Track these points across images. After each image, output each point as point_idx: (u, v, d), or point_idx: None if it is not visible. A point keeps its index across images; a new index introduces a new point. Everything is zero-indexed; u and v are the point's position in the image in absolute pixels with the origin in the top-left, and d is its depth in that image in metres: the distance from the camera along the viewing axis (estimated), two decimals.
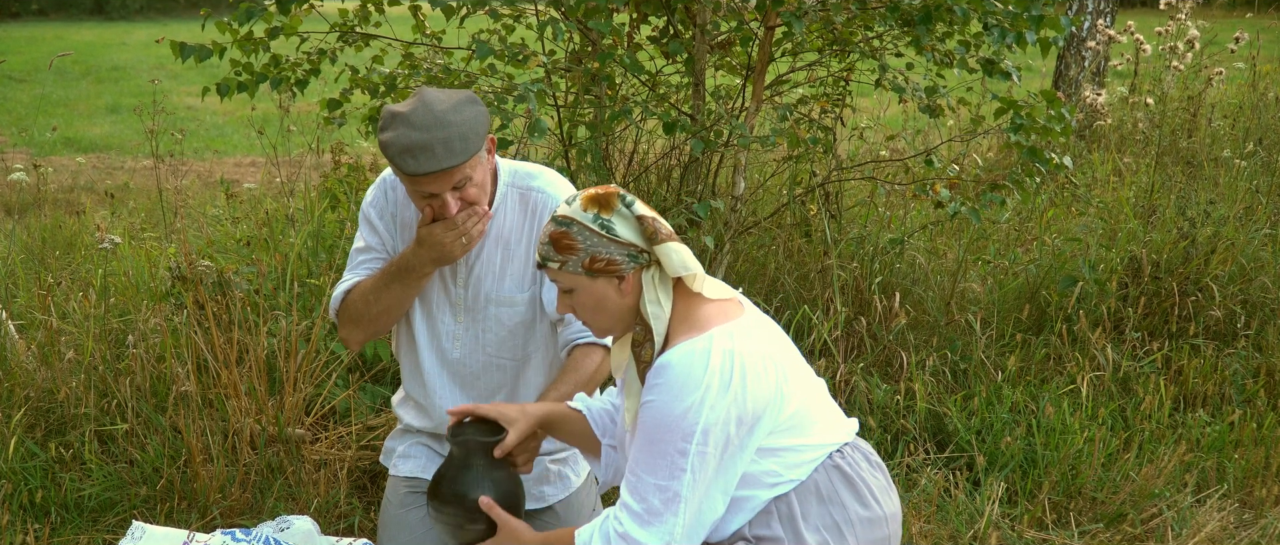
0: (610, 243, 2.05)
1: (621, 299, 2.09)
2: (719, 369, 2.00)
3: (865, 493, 2.16)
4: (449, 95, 2.44)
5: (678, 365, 2.00)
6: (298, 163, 5.55)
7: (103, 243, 4.22)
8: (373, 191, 2.72)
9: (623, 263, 2.06)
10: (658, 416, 2.01)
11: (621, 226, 2.06)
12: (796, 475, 2.11)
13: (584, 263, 2.06)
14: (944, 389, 3.97)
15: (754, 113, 4.30)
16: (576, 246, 2.06)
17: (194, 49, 3.85)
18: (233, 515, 3.22)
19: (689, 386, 1.99)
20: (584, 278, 2.08)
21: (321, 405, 3.60)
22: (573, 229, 2.06)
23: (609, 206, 2.06)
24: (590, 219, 2.06)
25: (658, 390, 2.01)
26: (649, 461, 2.02)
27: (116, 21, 24.73)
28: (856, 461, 2.19)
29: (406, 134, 2.37)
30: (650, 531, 2.02)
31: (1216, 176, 5.66)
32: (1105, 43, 7.48)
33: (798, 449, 2.11)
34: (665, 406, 2.00)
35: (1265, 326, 4.37)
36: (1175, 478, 3.55)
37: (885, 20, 4.01)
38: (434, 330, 2.70)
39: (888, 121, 6.76)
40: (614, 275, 2.07)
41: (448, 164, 2.38)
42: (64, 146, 9.69)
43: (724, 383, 2.00)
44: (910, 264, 4.54)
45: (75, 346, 3.71)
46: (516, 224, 2.64)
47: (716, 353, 2.01)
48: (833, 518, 2.12)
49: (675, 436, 1.99)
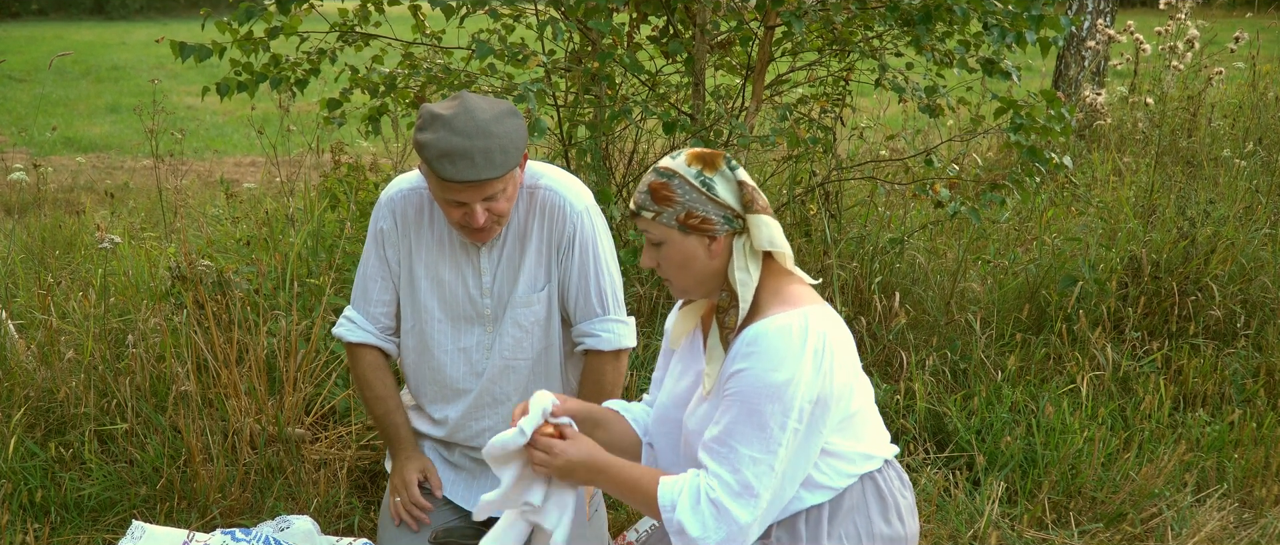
0: (709, 201, 2.05)
1: (709, 260, 2.08)
2: (815, 349, 1.99)
3: (891, 510, 2.16)
4: (491, 104, 2.41)
5: (775, 336, 1.99)
6: (298, 162, 5.55)
7: (103, 242, 4.21)
8: (386, 218, 2.68)
9: (717, 223, 2.05)
10: (755, 385, 1.97)
11: (722, 187, 2.06)
12: (840, 483, 2.11)
13: (679, 217, 2.05)
14: (944, 389, 3.97)
15: (754, 112, 4.31)
16: (674, 199, 2.05)
17: (194, 49, 3.85)
18: (233, 515, 3.22)
19: (787, 359, 1.97)
20: (676, 232, 2.07)
21: (321, 405, 3.60)
22: (674, 181, 2.06)
23: (713, 166, 2.06)
24: (692, 174, 2.05)
25: (754, 358, 1.98)
26: (744, 432, 1.98)
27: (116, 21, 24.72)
28: (890, 479, 2.19)
29: (447, 138, 2.35)
30: (742, 505, 1.97)
31: (1216, 176, 5.66)
32: (1105, 42, 7.48)
33: (848, 456, 2.11)
34: (763, 376, 1.97)
35: (1265, 326, 4.37)
36: (1175, 477, 3.54)
37: (885, 20, 4.01)
38: (458, 341, 2.70)
39: (888, 121, 6.76)
40: (706, 234, 2.06)
41: (486, 176, 2.36)
42: (64, 146, 9.69)
43: (817, 362, 1.99)
44: (910, 264, 4.54)
45: (75, 346, 3.71)
46: (525, 222, 2.63)
47: (812, 332, 2.00)
48: (856, 527, 2.12)
49: (775, 408, 1.96)
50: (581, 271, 2.65)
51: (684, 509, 1.99)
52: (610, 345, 2.69)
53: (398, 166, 5.24)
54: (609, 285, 2.69)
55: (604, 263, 2.67)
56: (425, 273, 2.66)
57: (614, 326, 2.70)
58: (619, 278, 2.74)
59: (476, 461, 2.82)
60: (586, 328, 2.70)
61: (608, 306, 2.69)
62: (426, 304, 2.68)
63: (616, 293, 2.71)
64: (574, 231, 2.62)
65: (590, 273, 2.65)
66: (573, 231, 2.62)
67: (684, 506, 1.99)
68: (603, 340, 2.69)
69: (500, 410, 2.75)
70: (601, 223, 2.70)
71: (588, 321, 2.69)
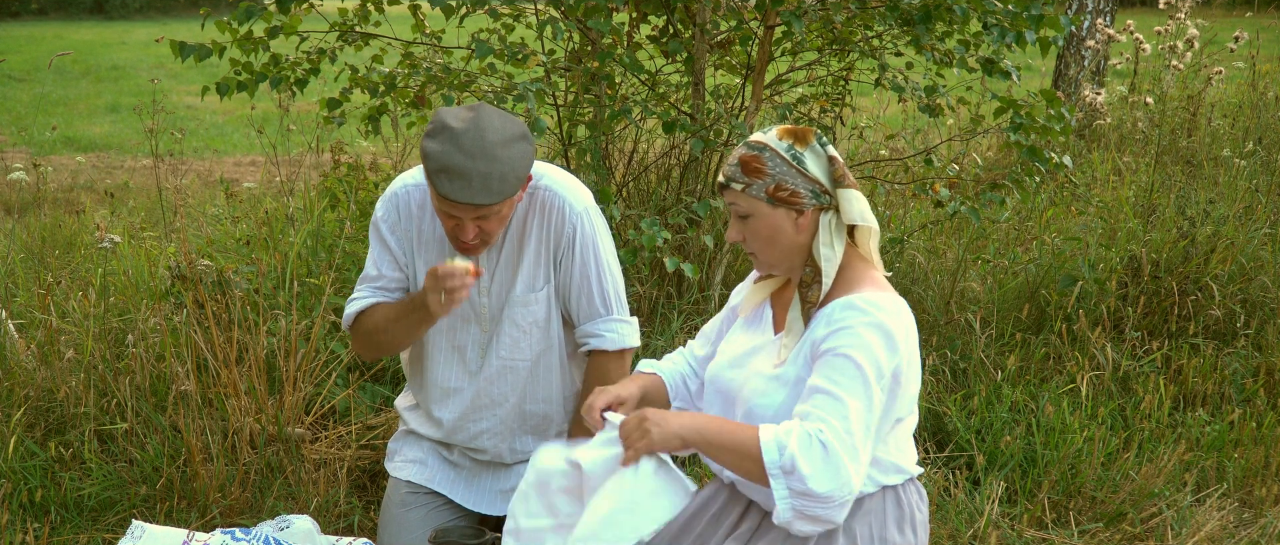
0: (799, 175, 2.05)
1: (796, 235, 2.09)
2: (907, 325, 2.02)
3: (907, 521, 2.16)
4: (505, 124, 2.38)
5: (877, 303, 2.01)
6: (297, 162, 5.55)
7: (102, 242, 4.21)
8: (383, 208, 2.67)
9: (805, 197, 2.06)
10: (859, 343, 1.96)
11: (812, 162, 2.07)
12: (868, 488, 2.11)
13: (768, 189, 2.06)
14: (944, 388, 3.97)
15: (754, 112, 4.30)
16: (765, 171, 2.06)
17: (194, 48, 3.84)
18: (232, 514, 3.22)
19: (885, 326, 1.98)
20: (765, 204, 2.07)
21: (321, 404, 3.60)
22: (765, 154, 2.07)
23: (804, 140, 2.07)
24: (784, 148, 2.06)
25: (857, 319, 1.99)
26: (850, 385, 1.94)
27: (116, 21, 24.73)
28: (911, 494, 2.19)
29: (451, 153, 2.33)
30: (852, 459, 1.91)
31: (1216, 176, 5.66)
32: (1105, 42, 7.48)
33: (881, 463, 2.11)
34: (865, 336, 1.97)
35: (1265, 326, 4.37)
36: (1175, 477, 3.55)
37: (885, 19, 4.01)
38: (456, 341, 2.70)
39: (887, 121, 6.76)
40: (794, 208, 2.06)
41: (481, 201, 2.35)
42: (64, 146, 9.69)
43: (907, 338, 2.01)
44: (910, 263, 4.54)
45: (75, 346, 3.71)
46: (525, 222, 2.63)
47: (906, 312, 2.04)
48: (871, 530, 2.12)
49: (882, 365, 1.96)
50: (583, 272, 2.65)
51: (800, 449, 1.90)
52: (615, 345, 2.69)
53: (397, 166, 5.24)
54: (611, 285, 2.69)
55: (605, 263, 2.67)
56: (424, 269, 2.66)
57: (618, 326, 2.70)
58: (620, 277, 2.73)
59: (476, 461, 2.82)
60: (590, 328, 2.69)
61: (611, 306, 2.69)
62: None
63: (619, 292, 2.71)
64: (574, 232, 2.62)
65: (592, 273, 2.65)
66: (573, 232, 2.62)
67: (800, 446, 1.90)
68: (607, 340, 2.69)
69: (498, 412, 2.74)
70: (601, 223, 2.70)
71: (591, 322, 2.69)
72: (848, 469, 1.90)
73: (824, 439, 1.90)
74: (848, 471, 1.90)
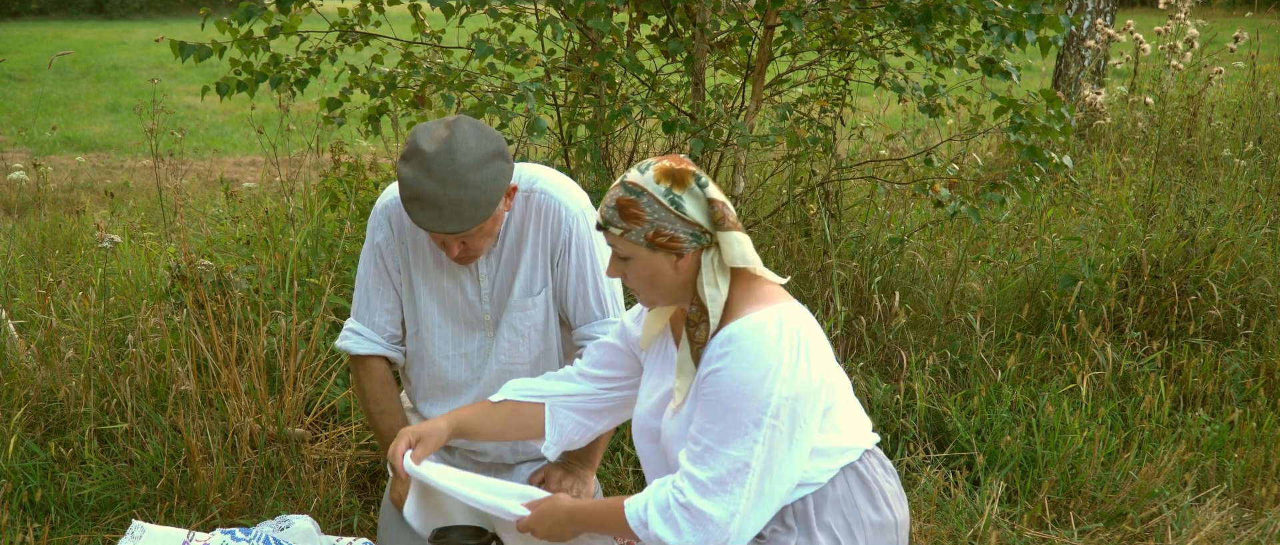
0: (677, 219, 2.03)
1: (676, 275, 2.08)
2: (789, 344, 1.99)
3: (878, 498, 2.16)
4: (480, 141, 2.35)
5: (749, 335, 1.99)
6: (297, 162, 5.55)
7: (102, 242, 4.21)
8: (381, 229, 2.65)
9: (685, 241, 2.04)
10: (732, 384, 1.97)
11: (691, 205, 2.03)
12: (821, 478, 2.11)
13: (647, 235, 2.04)
14: (944, 388, 3.97)
15: (754, 112, 4.30)
16: (643, 217, 2.03)
17: (194, 48, 3.84)
18: (232, 514, 3.22)
19: (762, 355, 1.97)
20: (643, 249, 2.06)
21: (321, 404, 3.60)
22: (642, 199, 2.04)
23: (682, 183, 2.03)
24: (662, 193, 2.03)
25: (729, 359, 1.98)
26: (720, 430, 1.97)
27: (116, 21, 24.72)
28: (873, 467, 2.19)
29: (421, 180, 2.31)
30: (715, 502, 1.97)
31: (1216, 176, 5.66)
32: (1105, 42, 7.48)
33: (826, 451, 2.11)
34: (740, 374, 1.97)
35: (1265, 326, 4.37)
36: (1175, 477, 3.55)
37: (885, 19, 4.01)
38: (459, 346, 2.69)
39: (887, 121, 6.76)
40: (674, 251, 2.05)
41: (452, 229, 2.35)
42: (64, 146, 9.69)
43: (794, 358, 1.99)
44: (910, 263, 4.54)
45: (75, 346, 3.71)
46: (521, 226, 2.62)
47: (788, 328, 2.00)
48: (845, 518, 2.12)
49: (751, 406, 1.96)
50: (579, 274, 2.64)
51: (655, 520, 2.00)
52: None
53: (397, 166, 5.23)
54: (607, 287, 2.68)
55: (601, 265, 2.67)
56: (424, 280, 2.65)
57: (614, 328, 2.69)
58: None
59: (477, 464, 2.82)
60: (587, 330, 2.69)
61: (607, 309, 2.68)
62: (426, 310, 2.67)
63: (615, 295, 2.71)
64: (570, 234, 2.61)
65: (588, 276, 2.64)
66: (569, 234, 2.61)
67: (654, 517, 2.00)
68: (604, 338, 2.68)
69: None
70: None
71: (588, 324, 2.68)
72: (713, 514, 1.97)
73: (682, 499, 1.98)
74: (714, 518, 1.97)
